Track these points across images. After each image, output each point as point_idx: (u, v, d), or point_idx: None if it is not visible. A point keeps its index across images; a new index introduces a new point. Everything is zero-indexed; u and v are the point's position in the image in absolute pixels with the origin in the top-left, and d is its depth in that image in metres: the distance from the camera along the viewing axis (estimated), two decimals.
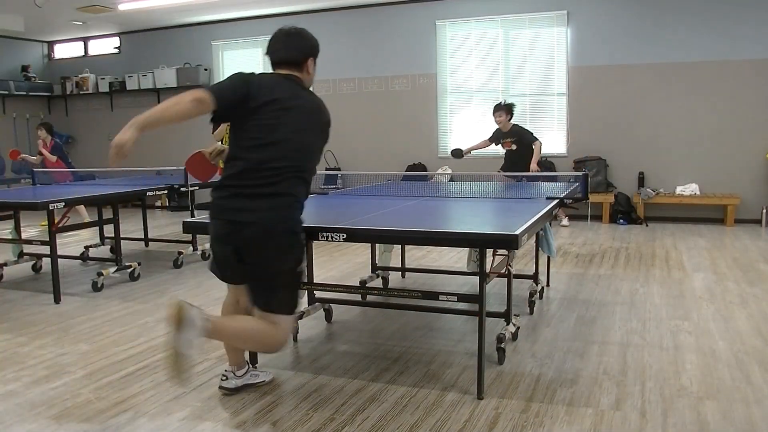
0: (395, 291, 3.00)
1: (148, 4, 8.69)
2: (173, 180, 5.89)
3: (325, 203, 3.79)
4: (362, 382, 2.97)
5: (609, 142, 8.10)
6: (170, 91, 10.33)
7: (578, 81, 8.12)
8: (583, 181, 3.91)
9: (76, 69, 11.12)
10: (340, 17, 9.22)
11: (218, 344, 3.52)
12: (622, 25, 7.88)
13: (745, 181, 7.65)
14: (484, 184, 4.73)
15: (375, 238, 3.29)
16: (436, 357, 3.29)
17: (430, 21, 8.71)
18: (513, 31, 8.39)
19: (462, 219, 3.25)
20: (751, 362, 3.13)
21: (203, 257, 5.97)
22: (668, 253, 5.90)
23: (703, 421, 2.51)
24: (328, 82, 9.37)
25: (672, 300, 4.29)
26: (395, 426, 2.51)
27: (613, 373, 3.03)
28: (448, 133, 8.89)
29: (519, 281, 4.30)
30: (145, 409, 2.71)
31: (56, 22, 9.80)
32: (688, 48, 7.65)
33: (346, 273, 5.30)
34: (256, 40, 9.76)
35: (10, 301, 4.60)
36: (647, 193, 7.71)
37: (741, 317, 3.87)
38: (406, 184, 4.86)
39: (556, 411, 2.62)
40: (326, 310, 3.94)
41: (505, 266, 3.26)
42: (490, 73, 8.56)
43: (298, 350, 3.45)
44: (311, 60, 2.63)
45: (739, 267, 5.27)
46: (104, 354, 3.42)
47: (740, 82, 7.52)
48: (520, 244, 2.50)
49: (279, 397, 2.82)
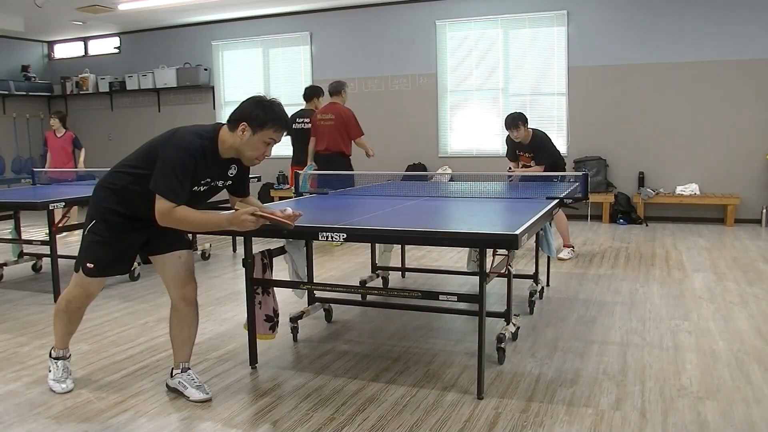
0: (395, 291, 3.00)
1: (148, 4, 8.69)
2: None
3: (325, 203, 3.79)
4: (362, 382, 2.97)
5: (609, 142, 8.10)
6: (170, 91, 10.35)
7: (578, 81, 8.12)
8: (583, 181, 3.91)
9: (76, 69, 11.12)
10: (340, 17, 9.22)
11: (217, 344, 3.53)
12: (622, 24, 7.88)
13: (745, 181, 7.65)
14: (484, 184, 4.72)
15: (375, 238, 3.29)
16: (436, 357, 3.29)
17: (430, 21, 8.71)
18: (513, 31, 8.39)
19: (462, 219, 3.25)
20: (751, 362, 3.13)
21: (203, 257, 5.97)
22: (668, 253, 5.90)
23: (703, 421, 2.51)
24: (328, 81, 9.34)
25: (672, 300, 4.29)
26: (395, 426, 2.51)
27: (613, 373, 3.03)
28: (448, 132, 8.89)
29: (519, 281, 4.30)
30: (145, 409, 2.71)
31: (56, 22, 9.80)
32: (688, 48, 7.65)
33: (346, 273, 5.30)
34: (256, 40, 9.76)
35: (10, 301, 4.60)
36: (647, 193, 7.71)
37: (741, 317, 3.87)
38: (406, 184, 4.86)
39: (556, 411, 2.62)
40: (326, 310, 3.94)
41: (505, 266, 3.26)
42: (490, 72, 8.55)
43: (298, 350, 3.45)
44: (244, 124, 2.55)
45: (739, 267, 5.27)
46: (104, 354, 3.42)
47: (740, 82, 7.52)
48: (520, 244, 2.50)
49: (279, 397, 2.82)
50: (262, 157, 2.62)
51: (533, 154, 5.53)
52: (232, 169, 2.71)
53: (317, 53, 9.44)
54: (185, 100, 10.39)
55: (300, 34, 9.48)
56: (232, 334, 3.70)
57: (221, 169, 2.67)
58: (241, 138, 2.54)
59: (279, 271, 3.62)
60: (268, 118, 2.53)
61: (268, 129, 2.55)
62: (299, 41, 9.52)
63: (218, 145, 2.59)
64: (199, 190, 2.63)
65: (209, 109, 10.23)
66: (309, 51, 9.47)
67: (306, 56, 9.51)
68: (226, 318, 4.07)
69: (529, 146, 5.54)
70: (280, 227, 2.60)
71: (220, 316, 4.10)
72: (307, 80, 9.53)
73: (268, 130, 2.55)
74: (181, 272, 2.79)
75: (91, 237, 2.73)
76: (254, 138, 2.54)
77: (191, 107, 10.36)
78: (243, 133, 2.53)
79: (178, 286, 2.79)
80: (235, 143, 2.57)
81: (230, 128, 2.57)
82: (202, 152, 2.53)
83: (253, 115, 2.53)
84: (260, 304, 3.20)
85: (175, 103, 10.47)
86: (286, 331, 3.56)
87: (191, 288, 2.83)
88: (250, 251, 3.09)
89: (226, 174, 2.71)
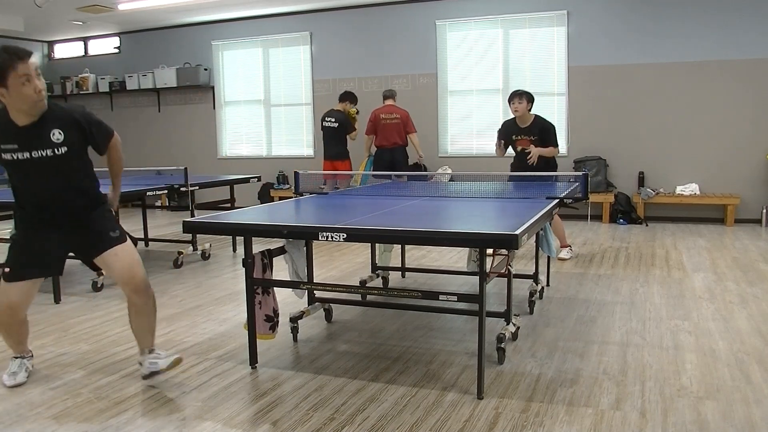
0: (395, 291, 3.00)
1: (148, 4, 8.69)
2: (173, 180, 5.88)
3: (325, 203, 3.79)
4: (362, 382, 2.97)
5: (609, 142, 8.10)
6: (170, 91, 10.34)
7: (578, 81, 8.12)
8: (583, 181, 3.91)
9: (76, 69, 11.12)
10: (340, 17, 9.22)
11: (217, 344, 3.53)
12: (622, 24, 7.88)
13: (745, 181, 7.65)
14: (484, 184, 4.72)
15: (375, 238, 3.29)
16: (436, 357, 3.29)
17: (430, 21, 8.71)
18: (513, 31, 8.39)
19: (462, 219, 3.25)
20: (751, 362, 3.13)
21: (203, 257, 5.97)
22: (668, 253, 5.90)
23: (703, 421, 2.51)
24: (328, 81, 9.37)
25: (672, 300, 4.29)
26: (395, 426, 2.51)
27: (613, 373, 3.03)
28: (448, 132, 8.89)
29: (519, 281, 4.30)
30: (145, 409, 2.71)
31: (56, 22, 9.80)
32: (688, 48, 7.66)
33: (346, 273, 5.30)
34: (256, 40, 9.77)
35: None
36: (647, 192, 7.72)
37: (741, 317, 3.87)
38: (406, 184, 4.85)
39: (556, 411, 2.62)
40: (326, 310, 3.94)
41: (505, 266, 3.26)
42: (490, 72, 8.56)
43: (298, 350, 3.45)
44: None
45: (739, 267, 5.27)
46: (104, 354, 3.42)
47: (740, 82, 7.53)
48: (520, 244, 2.50)
49: (279, 397, 2.82)
50: (37, 94, 2.56)
51: (538, 137, 5.31)
52: (54, 134, 2.68)
53: (317, 53, 9.44)
54: (185, 100, 10.39)
55: (300, 34, 9.48)
56: (232, 334, 3.70)
57: (29, 136, 2.65)
58: (5, 99, 2.52)
59: (279, 271, 3.63)
60: (1, 67, 2.47)
61: (10, 73, 2.48)
62: (299, 41, 9.52)
63: (9, 113, 2.60)
64: (15, 158, 2.66)
65: (209, 109, 10.23)
66: (309, 51, 9.48)
67: (306, 56, 9.51)
68: (226, 318, 4.07)
69: (533, 129, 5.32)
70: None
71: (220, 316, 4.10)
72: (307, 80, 9.54)
73: (11, 73, 2.48)
74: (123, 268, 2.83)
75: (9, 243, 2.82)
76: (11, 91, 2.50)
77: (191, 107, 10.36)
78: (3, 97, 2.52)
79: (125, 281, 2.83)
80: (10, 103, 2.56)
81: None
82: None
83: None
84: (260, 304, 3.20)
85: (175, 103, 10.48)
86: (286, 331, 3.56)
87: (138, 280, 2.84)
88: (250, 251, 3.09)
89: (48, 140, 2.67)
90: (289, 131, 9.85)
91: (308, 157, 9.63)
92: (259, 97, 9.94)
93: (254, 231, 2.94)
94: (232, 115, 10.22)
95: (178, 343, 3.58)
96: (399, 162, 7.53)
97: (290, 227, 2.91)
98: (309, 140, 9.68)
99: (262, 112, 9.97)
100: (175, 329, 3.84)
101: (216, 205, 6.31)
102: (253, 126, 10.09)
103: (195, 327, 3.89)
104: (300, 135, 9.77)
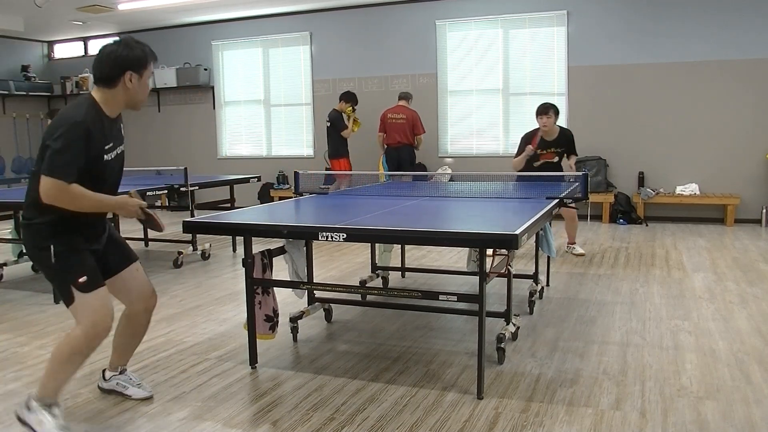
0: (395, 291, 2.99)
1: (148, 4, 8.68)
2: (173, 180, 5.89)
3: (325, 203, 3.79)
4: (362, 382, 2.97)
5: (609, 142, 8.10)
6: (170, 91, 10.34)
7: (578, 81, 8.12)
8: (583, 181, 3.91)
9: (76, 69, 11.11)
10: (340, 17, 9.22)
11: (217, 344, 3.53)
12: (622, 24, 7.88)
13: (745, 181, 7.65)
14: (484, 184, 4.72)
15: (375, 238, 3.29)
16: (436, 357, 3.29)
17: (430, 21, 8.70)
18: (513, 31, 8.39)
19: (462, 219, 3.25)
20: (751, 362, 3.13)
21: (203, 257, 5.97)
22: (668, 253, 5.90)
23: (703, 421, 2.51)
24: (328, 81, 9.37)
25: (672, 300, 4.29)
26: (395, 426, 2.51)
27: (613, 373, 3.03)
28: (448, 132, 8.89)
29: (519, 281, 4.30)
30: (145, 409, 2.71)
31: (56, 22, 9.79)
32: (688, 48, 7.65)
33: (346, 273, 5.30)
34: (256, 40, 9.76)
35: (10, 301, 4.60)
36: (647, 192, 7.72)
37: (741, 317, 3.87)
38: (406, 184, 4.85)
39: (556, 411, 2.62)
40: (326, 310, 3.94)
41: (505, 266, 3.26)
42: (490, 72, 8.55)
43: (298, 350, 3.45)
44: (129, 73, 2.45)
45: (739, 267, 5.27)
46: (104, 354, 3.41)
47: (740, 82, 7.52)
48: (520, 244, 2.50)
49: (279, 397, 2.82)
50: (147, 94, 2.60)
51: (563, 149, 5.45)
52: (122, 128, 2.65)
53: (317, 53, 9.44)
54: (185, 100, 10.38)
55: (300, 34, 9.48)
56: (232, 334, 3.70)
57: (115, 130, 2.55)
58: (133, 87, 2.47)
59: (279, 271, 3.62)
60: (145, 55, 2.49)
61: (149, 64, 2.51)
62: (299, 41, 9.52)
63: (102, 107, 2.47)
64: (110, 158, 2.49)
65: (209, 109, 10.23)
66: (309, 51, 9.47)
67: (306, 56, 9.51)
68: (226, 318, 4.07)
69: (559, 141, 5.45)
70: (153, 226, 2.62)
71: (220, 316, 4.10)
72: (307, 80, 9.54)
73: (149, 65, 2.51)
74: (145, 283, 2.71)
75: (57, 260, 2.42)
76: (142, 80, 2.50)
77: (191, 107, 10.36)
78: (131, 82, 2.46)
79: (145, 297, 2.69)
80: (128, 95, 2.49)
81: (109, 86, 2.46)
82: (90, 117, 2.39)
83: (133, 60, 2.45)
84: (260, 304, 3.20)
85: (175, 102, 10.47)
86: (286, 331, 3.56)
87: (155, 298, 2.74)
88: (250, 251, 3.09)
89: (121, 135, 2.62)
90: (289, 131, 9.85)
91: (308, 157, 9.63)
92: (259, 97, 9.94)
93: (254, 231, 2.94)
94: (232, 115, 10.22)
95: (178, 343, 3.58)
96: (405, 161, 7.78)
97: (290, 227, 2.91)
98: (309, 140, 9.68)
99: (262, 112, 9.97)
100: (175, 329, 3.84)
101: (216, 205, 6.31)
102: (253, 126, 10.09)
103: (195, 327, 3.89)
104: (300, 135, 9.77)
